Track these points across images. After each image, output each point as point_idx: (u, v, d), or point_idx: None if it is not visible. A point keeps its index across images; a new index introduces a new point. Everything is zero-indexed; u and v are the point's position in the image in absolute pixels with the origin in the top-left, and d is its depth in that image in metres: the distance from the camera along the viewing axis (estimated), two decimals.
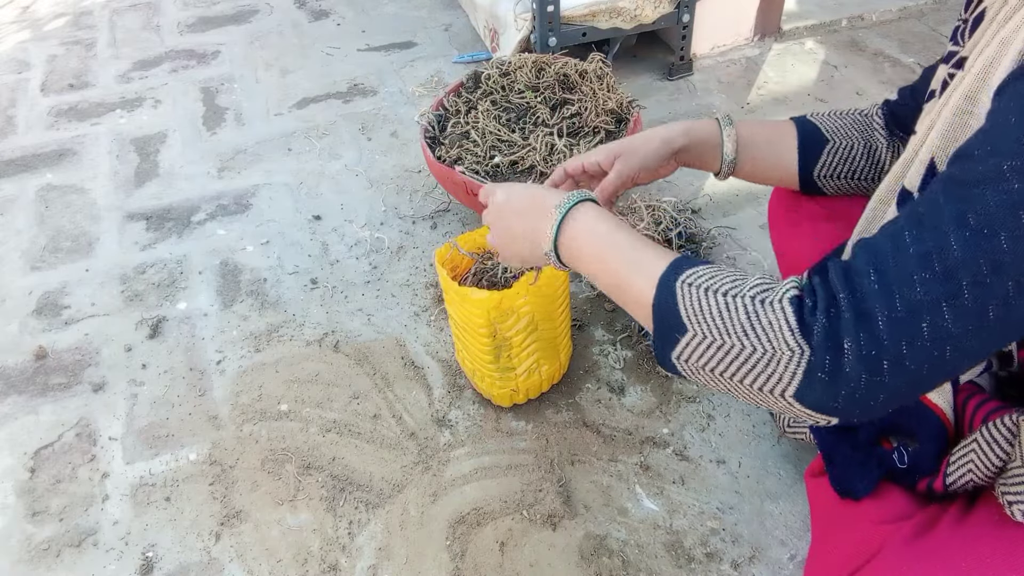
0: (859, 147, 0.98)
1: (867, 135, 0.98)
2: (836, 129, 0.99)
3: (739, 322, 0.60)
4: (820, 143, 0.99)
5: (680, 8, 2.09)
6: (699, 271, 0.65)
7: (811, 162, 1.00)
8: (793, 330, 0.57)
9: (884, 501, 0.81)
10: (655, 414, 1.31)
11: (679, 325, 0.63)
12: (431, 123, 1.66)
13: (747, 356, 0.59)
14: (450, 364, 1.42)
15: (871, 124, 0.98)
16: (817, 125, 1.00)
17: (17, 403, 1.40)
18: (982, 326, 0.54)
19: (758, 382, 0.59)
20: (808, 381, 0.57)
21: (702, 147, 1.00)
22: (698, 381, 0.66)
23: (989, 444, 0.73)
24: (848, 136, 0.99)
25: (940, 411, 0.81)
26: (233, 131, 2.14)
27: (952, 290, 0.53)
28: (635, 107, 1.63)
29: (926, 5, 2.54)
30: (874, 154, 0.98)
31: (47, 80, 2.42)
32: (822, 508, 0.91)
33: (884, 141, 0.97)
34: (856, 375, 0.55)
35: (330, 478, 1.24)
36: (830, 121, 1.00)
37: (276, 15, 2.75)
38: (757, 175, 1.04)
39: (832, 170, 1.00)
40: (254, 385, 1.41)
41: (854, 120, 1.00)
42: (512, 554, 1.12)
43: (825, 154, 0.99)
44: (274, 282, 1.63)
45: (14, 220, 1.85)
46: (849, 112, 1.01)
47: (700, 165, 1.02)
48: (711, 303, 0.61)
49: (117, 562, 1.15)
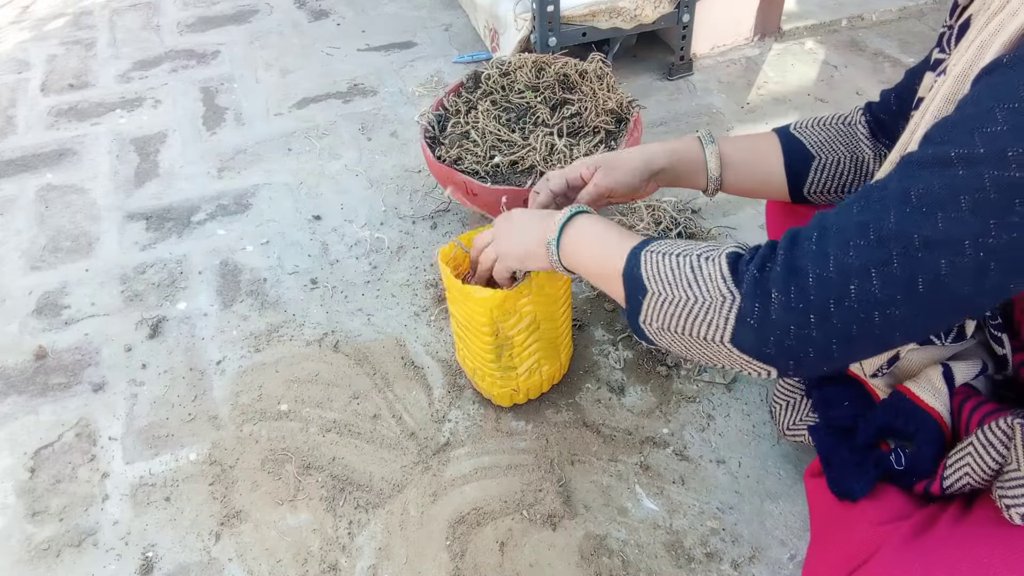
0: (846, 161, 0.97)
1: (852, 146, 0.97)
2: (821, 143, 0.98)
3: (685, 276, 0.68)
4: (806, 160, 0.98)
5: (680, 8, 2.09)
6: (662, 242, 0.74)
7: (800, 180, 0.99)
8: (726, 278, 0.65)
9: (882, 502, 0.81)
10: (655, 414, 1.31)
11: (641, 287, 0.72)
12: (431, 123, 1.66)
13: (691, 306, 0.67)
14: (450, 364, 1.42)
15: (855, 134, 0.97)
16: (802, 141, 0.98)
17: (17, 403, 1.40)
18: (911, 297, 0.56)
19: (701, 330, 0.67)
20: (740, 327, 0.63)
21: (686, 166, 1.00)
22: (663, 344, 0.73)
23: (985, 447, 0.73)
24: (834, 150, 0.97)
25: (937, 414, 0.82)
26: (233, 131, 2.14)
27: (882, 257, 0.56)
28: (635, 107, 1.63)
29: (926, 5, 2.54)
30: (862, 166, 0.97)
31: (47, 80, 2.42)
32: (820, 508, 0.91)
33: (870, 152, 0.96)
34: (783, 324, 0.60)
35: (330, 478, 1.24)
36: (814, 134, 0.99)
37: (276, 15, 2.75)
38: (745, 191, 1.04)
39: (821, 186, 0.99)
40: (254, 385, 1.41)
41: (838, 131, 0.98)
42: (512, 554, 1.12)
43: (812, 171, 0.98)
44: (274, 282, 1.63)
45: (14, 220, 1.85)
46: (833, 121, 0.99)
47: (687, 183, 1.02)
48: (665, 263, 0.70)
49: (117, 562, 1.15)
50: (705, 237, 1.64)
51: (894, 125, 0.93)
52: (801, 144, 0.99)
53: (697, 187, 1.03)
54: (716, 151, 0.99)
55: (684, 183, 1.02)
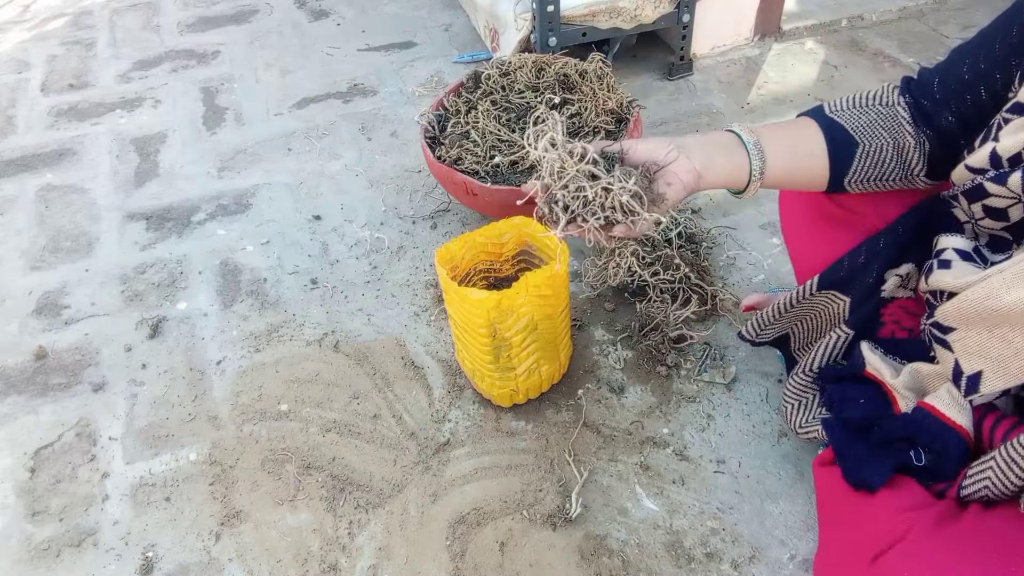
0: (889, 148, 0.90)
1: (895, 132, 0.89)
2: (863, 128, 0.90)
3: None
4: (850, 147, 0.90)
5: (680, 8, 2.09)
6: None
7: (843, 169, 0.91)
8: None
9: (901, 491, 0.81)
10: (655, 414, 1.31)
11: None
12: (431, 123, 1.66)
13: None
14: (450, 364, 1.42)
15: (897, 118, 0.90)
16: (843, 125, 0.90)
17: (17, 403, 1.40)
18: None
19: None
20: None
21: (733, 172, 0.89)
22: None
23: (1008, 463, 0.73)
24: (877, 136, 0.89)
25: (963, 430, 0.81)
26: (233, 131, 2.14)
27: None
28: (635, 107, 1.63)
29: (926, 5, 2.54)
30: (903, 154, 0.90)
31: (47, 80, 2.42)
32: (832, 497, 0.90)
33: (912, 140, 0.89)
34: None
35: (330, 478, 1.24)
36: (854, 117, 0.91)
37: (276, 15, 2.75)
38: (782, 183, 0.94)
39: (864, 175, 0.92)
40: (254, 385, 1.41)
41: (879, 114, 0.90)
42: (512, 554, 1.12)
43: (856, 159, 0.90)
44: (274, 282, 1.63)
45: (14, 220, 1.85)
46: (871, 102, 0.91)
47: (726, 184, 0.90)
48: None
49: (117, 562, 1.15)
50: (705, 237, 1.64)
51: (937, 114, 0.87)
52: (843, 129, 0.90)
53: (737, 187, 0.91)
54: (757, 144, 0.88)
55: (722, 183, 0.90)
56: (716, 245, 1.65)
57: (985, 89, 0.82)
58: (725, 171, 0.87)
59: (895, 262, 0.98)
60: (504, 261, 1.37)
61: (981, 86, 0.83)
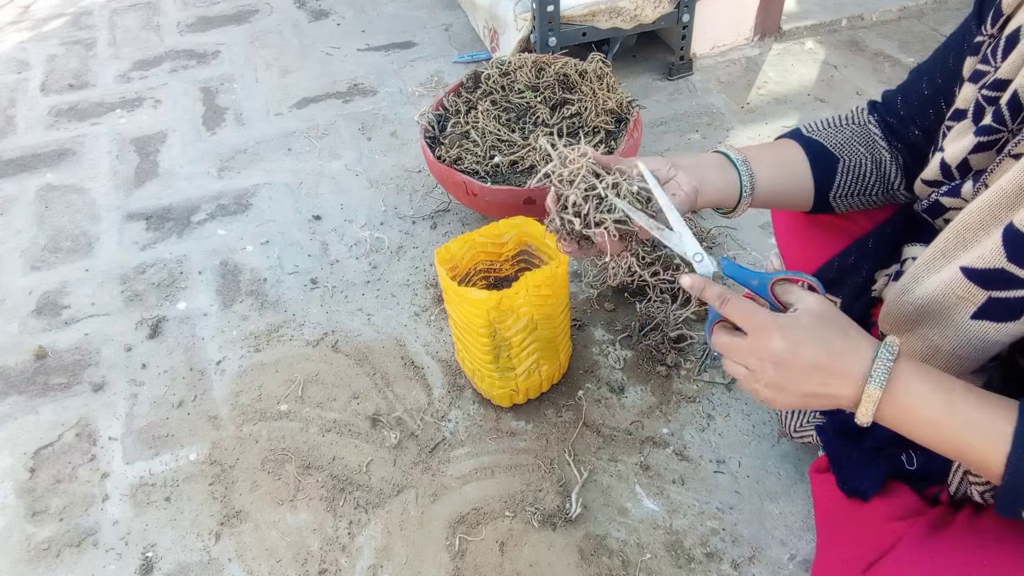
0: (867, 163, 0.92)
1: (871, 148, 0.92)
2: (841, 145, 0.93)
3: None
4: (832, 162, 0.92)
5: (680, 8, 2.09)
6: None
7: (827, 185, 0.92)
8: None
9: (894, 498, 0.81)
10: (655, 414, 1.31)
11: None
12: (431, 123, 1.66)
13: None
14: (450, 364, 1.42)
15: (871, 135, 0.93)
16: (822, 143, 0.92)
17: (17, 403, 1.40)
18: None
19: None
20: None
21: (724, 189, 0.89)
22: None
23: None
24: (856, 151, 0.92)
25: None
26: (233, 131, 2.13)
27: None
28: (635, 107, 1.63)
29: (926, 5, 2.54)
30: (881, 167, 0.92)
31: (47, 80, 2.42)
32: (827, 504, 0.91)
33: (887, 154, 0.92)
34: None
35: (330, 478, 1.24)
36: (831, 136, 0.93)
37: (276, 15, 2.75)
38: (769, 202, 0.94)
39: (846, 190, 0.93)
40: (254, 385, 1.41)
41: (853, 132, 0.93)
42: (512, 554, 1.12)
43: (839, 174, 0.92)
44: (274, 282, 1.63)
45: (14, 220, 1.85)
46: (843, 122, 0.94)
47: (718, 202, 0.90)
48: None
49: (117, 562, 1.15)
50: (705, 237, 1.64)
51: (904, 129, 0.90)
52: (822, 146, 0.92)
53: (726, 206, 0.90)
54: (745, 161, 0.89)
55: (713, 203, 0.89)
56: (716, 245, 1.65)
57: (945, 102, 0.84)
58: (718, 188, 0.88)
59: (884, 262, 0.99)
60: (504, 261, 1.37)
61: (941, 99, 0.85)
